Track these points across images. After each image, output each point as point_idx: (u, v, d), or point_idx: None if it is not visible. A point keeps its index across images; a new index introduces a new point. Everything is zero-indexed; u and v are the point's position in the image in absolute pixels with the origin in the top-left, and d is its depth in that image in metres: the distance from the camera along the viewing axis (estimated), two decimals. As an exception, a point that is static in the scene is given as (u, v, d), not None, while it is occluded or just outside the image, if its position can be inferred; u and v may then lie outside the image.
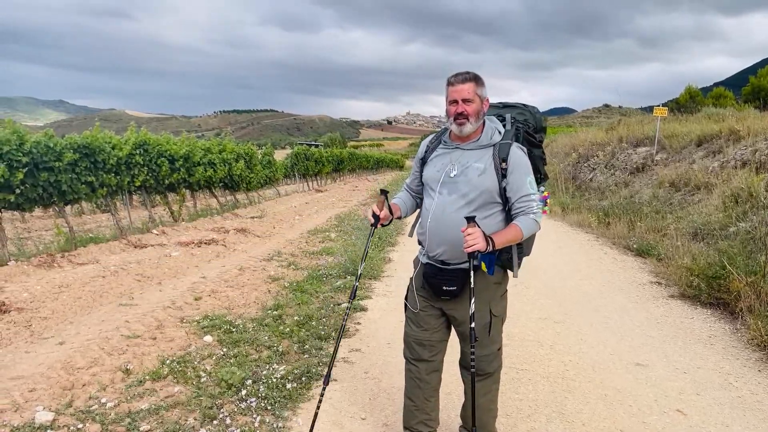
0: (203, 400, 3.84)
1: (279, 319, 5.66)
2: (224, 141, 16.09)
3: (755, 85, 28.97)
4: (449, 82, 2.68)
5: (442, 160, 2.77)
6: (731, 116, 14.39)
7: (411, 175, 3.06)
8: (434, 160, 2.81)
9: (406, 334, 3.06)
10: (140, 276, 7.68)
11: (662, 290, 6.66)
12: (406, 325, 3.07)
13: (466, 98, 2.63)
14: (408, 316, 3.04)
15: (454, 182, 2.72)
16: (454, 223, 2.66)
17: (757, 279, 5.43)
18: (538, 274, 7.58)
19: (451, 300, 2.81)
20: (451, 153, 2.76)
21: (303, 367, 4.37)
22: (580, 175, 17.22)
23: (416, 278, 2.96)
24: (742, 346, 4.84)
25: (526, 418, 3.65)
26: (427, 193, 2.83)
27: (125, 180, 10.68)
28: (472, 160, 2.73)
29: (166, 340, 5.18)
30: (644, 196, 12.32)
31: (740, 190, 8.86)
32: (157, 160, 11.70)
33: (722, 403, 3.81)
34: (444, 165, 2.75)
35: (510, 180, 2.69)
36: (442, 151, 2.80)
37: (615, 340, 5.04)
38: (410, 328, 3.02)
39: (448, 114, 2.72)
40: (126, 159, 10.63)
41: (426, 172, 2.83)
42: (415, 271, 2.99)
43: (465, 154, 2.74)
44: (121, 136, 10.79)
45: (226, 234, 11.52)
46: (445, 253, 2.75)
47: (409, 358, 3.07)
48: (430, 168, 2.81)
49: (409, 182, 3.08)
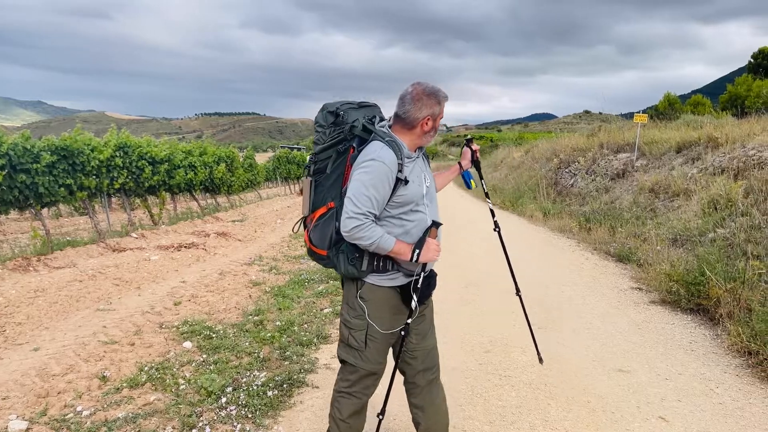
0: (182, 408, 3.77)
1: (260, 325, 5.60)
2: (205, 144, 15.95)
3: (732, 93, 29.48)
4: (446, 100, 2.67)
5: (415, 173, 2.67)
6: (709, 123, 14.57)
7: (371, 200, 2.52)
8: (410, 176, 2.63)
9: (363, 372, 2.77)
10: (119, 280, 7.56)
11: (643, 296, 6.70)
12: (362, 362, 2.74)
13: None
14: (367, 352, 2.73)
15: (429, 190, 2.74)
16: (440, 231, 2.73)
17: (736, 285, 5.48)
18: (520, 279, 7.56)
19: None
20: (416, 165, 2.69)
21: (284, 374, 4.31)
22: (562, 180, 17.33)
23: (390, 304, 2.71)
24: (723, 353, 4.87)
25: (509, 425, 3.63)
26: (410, 211, 2.66)
27: (104, 182, 10.53)
28: (425, 165, 2.79)
29: (145, 346, 5.10)
30: (625, 201, 12.43)
31: (718, 196, 8.96)
32: (137, 163, 11.56)
33: (704, 410, 3.83)
34: (419, 178, 2.68)
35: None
36: (411, 165, 2.66)
37: (597, 346, 5.05)
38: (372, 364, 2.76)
39: (434, 131, 2.69)
40: (106, 161, 10.48)
41: (409, 191, 2.61)
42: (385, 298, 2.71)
43: (421, 162, 2.76)
44: (101, 138, 10.63)
45: (207, 238, 11.41)
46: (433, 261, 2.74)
47: (368, 394, 2.85)
48: (412, 186, 2.63)
49: (376, 208, 2.56)
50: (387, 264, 2.63)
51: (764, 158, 9.46)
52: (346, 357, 2.79)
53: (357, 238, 2.50)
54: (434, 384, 2.90)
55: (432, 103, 2.61)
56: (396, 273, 2.66)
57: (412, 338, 2.80)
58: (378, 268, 2.64)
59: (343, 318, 2.79)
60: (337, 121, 2.67)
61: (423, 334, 2.85)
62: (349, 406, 2.80)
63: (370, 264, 2.63)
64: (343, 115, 2.67)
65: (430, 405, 2.89)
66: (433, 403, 2.89)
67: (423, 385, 2.86)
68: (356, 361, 2.74)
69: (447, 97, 2.66)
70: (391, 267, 2.64)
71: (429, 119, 2.63)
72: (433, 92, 2.62)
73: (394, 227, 2.62)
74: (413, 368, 2.85)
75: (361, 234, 2.48)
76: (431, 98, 2.61)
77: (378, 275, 2.66)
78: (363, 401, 2.83)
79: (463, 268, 8.30)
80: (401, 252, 2.54)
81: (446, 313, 6.01)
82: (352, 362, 2.75)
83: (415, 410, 2.92)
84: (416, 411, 2.91)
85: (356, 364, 2.74)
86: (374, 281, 2.67)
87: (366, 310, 2.68)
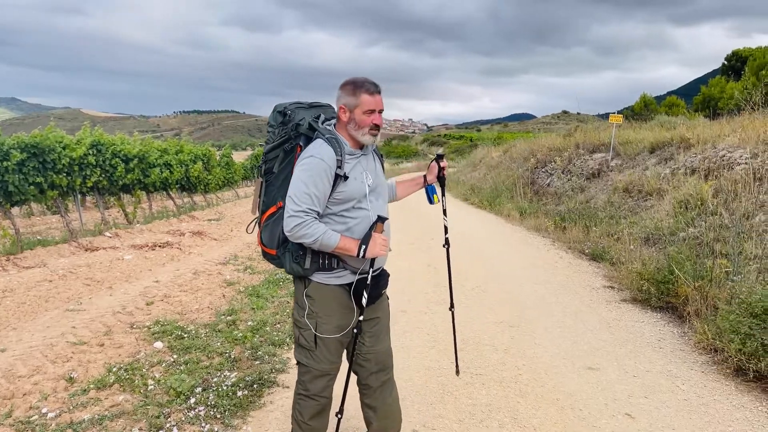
0: (150, 409, 3.73)
1: (233, 325, 5.57)
2: (181, 142, 15.79)
3: (706, 95, 29.97)
4: (367, 91, 2.59)
5: (358, 170, 2.66)
6: (682, 124, 14.80)
7: (311, 197, 2.52)
8: (352, 172, 2.62)
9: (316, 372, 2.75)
10: (90, 280, 7.46)
11: (615, 294, 6.79)
12: (314, 362, 2.74)
13: (382, 109, 2.64)
14: (318, 352, 2.72)
15: (376, 188, 2.73)
16: (389, 225, 2.74)
17: (704, 284, 5.57)
18: (495, 278, 7.65)
19: (375, 302, 2.79)
20: (360, 162, 2.68)
21: (255, 374, 4.29)
22: (538, 180, 17.46)
23: (339, 303, 2.70)
24: (690, 350, 4.95)
25: (478, 424, 3.65)
26: (352, 209, 2.64)
27: (77, 181, 10.37)
28: (374, 164, 2.79)
29: (115, 346, 5.03)
30: (599, 201, 12.56)
31: (689, 196, 9.11)
32: (111, 161, 11.41)
33: (669, 406, 3.89)
34: (361, 174, 2.66)
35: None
36: (353, 162, 2.65)
37: (568, 344, 5.10)
38: (324, 364, 2.75)
39: (360, 123, 2.60)
40: (79, 159, 10.32)
41: (349, 187, 2.60)
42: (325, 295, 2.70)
43: (368, 160, 2.74)
44: (73, 136, 10.46)
45: (182, 237, 11.30)
46: (383, 259, 2.75)
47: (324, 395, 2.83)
48: (352, 182, 2.61)
49: (317, 205, 2.55)
50: (332, 262, 2.63)
51: (733, 159, 9.64)
52: (299, 357, 2.79)
53: (299, 237, 2.50)
54: (387, 385, 2.90)
55: (347, 92, 2.61)
56: (342, 271, 2.67)
57: (365, 340, 2.80)
58: (323, 266, 2.64)
59: (293, 317, 2.79)
60: (285, 121, 2.70)
61: (377, 337, 2.84)
62: (309, 408, 2.79)
63: (314, 262, 2.63)
64: (290, 114, 2.69)
65: (381, 405, 2.89)
66: (384, 403, 2.89)
67: (376, 386, 2.86)
68: (308, 361, 2.74)
69: (372, 89, 2.60)
70: (337, 265, 2.64)
71: (344, 109, 2.62)
72: (350, 82, 2.62)
73: (336, 224, 2.63)
74: (366, 370, 2.84)
75: (303, 232, 2.49)
76: (347, 88, 2.62)
77: (324, 273, 2.66)
78: (322, 403, 2.81)
79: (436, 267, 8.33)
80: (347, 248, 2.54)
81: (419, 313, 6.03)
82: (305, 362, 2.76)
83: (367, 410, 2.92)
84: (368, 411, 2.92)
85: (308, 364, 2.74)
86: (320, 279, 2.67)
87: (313, 308, 2.68)
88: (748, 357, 4.22)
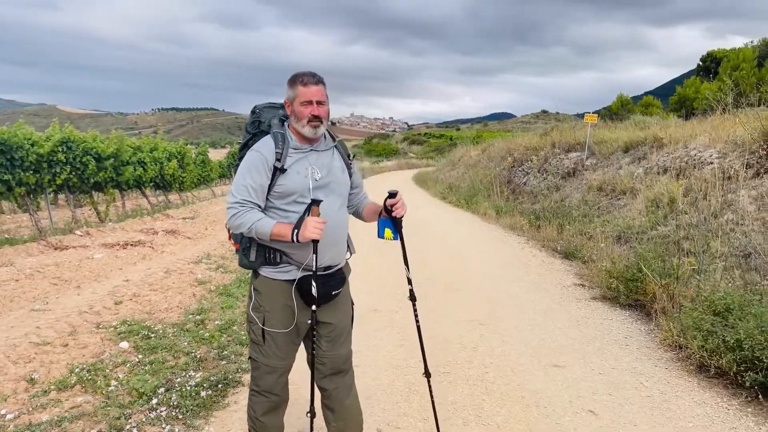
0: (111, 411, 3.68)
1: (201, 324, 5.51)
2: (156, 139, 15.61)
3: (681, 95, 30.40)
4: (301, 83, 2.59)
5: (302, 165, 2.63)
6: (656, 124, 14.98)
7: (248, 188, 2.57)
8: (294, 166, 2.60)
9: (264, 368, 2.74)
10: (57, 279, 7.33)
11: (585, 292, 6.84)
12: (262, 357, 2.73)
13: (320, 100, 2.61)
14: (266, 347, 2.71)
15: (327, 184, 2.69)
16: (339, 224, 2.73)
17: (670, 281, 5.64)
18: (467, 276, 7.67)
19: (327, 305, 2.74)
20: (307, 156, 2.66)
21: (220, 373, 4.25)
22: (515, 179, 17.57)
23: (285, 298, 2.66)
24: (655, 347, 5.01)
25: (443, 422, 3.64)
26: (294, 202, 2.62)
27: (45, 178, 10.19)
28: (330, 160, 2.76)
29: (79, 346, 4.95)
30: (574, 200, 12.68)
31: (661, 195, 9.23)
32: (82, 158, 11.23)
33: (632, 403, 3.93)
34: (306, 169, 2.63)
35: (355, 172, 2.96)
36: (298, 156, 2.63)
37: (536, 342, 5.13)
38: (272, 359, 2.73)
39: (298, 115, 2.60)
40: (48, 157, 10.14)
41: (288, 180, 2.59)
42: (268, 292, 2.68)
43: (322, 156, 2.72)
44: (42, 133, 10.27)
45: (155, 235, 11.16)
46: (332, 257, 2.71)
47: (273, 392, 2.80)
48: (293, 176, 2.59)
49: (255, 197, 2.59)
50: (276, 256, 2.63)
51: (704, 158, 9.78)
52: (250, 352, 2.79)
53: (236, 227, 2.55)
54: (344, 388, 2.88)
55: (287, 86, 2.65)
56: (288, 266, 2.65)
57: (321, 344, 2.78)
58: (269, 260, 2.64)
59: (247, 311, 2.79)
60: (253, 119, 2.77)
61: (334, 342, 2.81)
62: (261, 404, 2.78)
63: (259, 255, 2.64)
64: (259, 113, 2.76)
65: (339, 406, 2.88)
66: (342, 405, 2.88)
67: (331, 389, 2.85)
68: (257, 356, 2.74)
69: (307, 81, 2.60)
70: (281, 259, 2.63)
71: (287, 103, 2.66)
72: (291, 76, 2.65)
73: (278, 218, 2.62)
74: (321, 372, 2.83)
75: (238, 221, 2.53)
76: (288, 82, 2.65)
77: (270, 268, 2.66)
78: (274, 400, 2.79)
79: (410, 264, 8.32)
80: (281, 233, 2.51)
81: (390, 312, 6.03)
82: (254, 357, 2.75)
83: (326, 410, 2.92)
84: (327, 411, 2.92)
85: (257, 358, 2.74)
86: (267, 274, 2.67)
87: (260, 302, 2.68)
88: (710, 354, 4.28)
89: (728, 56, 29.34)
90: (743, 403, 3.90)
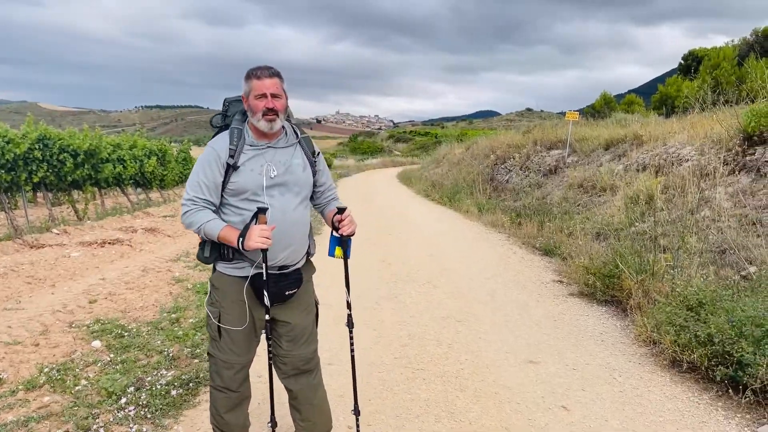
0: (79, 411, 3.62)
1: (176, 323, 5.45)
2: (135, 137, 15.43)
3: (663, 93, 30.64)
4: (255, 76, 2.54)
5: (258, 162, 2.57)
6: (636, 122, 15.10)
7: (201, 185, 2.55)
8: (247, 163, 2.55)
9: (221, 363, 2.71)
10: (31, 278, 7.22)
11: (563, 288, 6.87)
12: (218, 352, 2.70)
13: (275, 93, 2.56)
14: (222, 342, 2.68)
15: (283, 182, 2.62)
16: (297, 223, 2.68)
17: (646, 277, 5.67)
18: (447, 273, 7.66)
19: (284, 304, 2.70)
20: (264, 153, 2.60)
21: (192, 372, 4.20)
22: (498, 176, 17.63)
23: (239, 295, 2.62)
24: (630, 342, 5.03)
25: (414, 419, 3.64)
26: (247, 200, 2.57)
27: (21, 176, 10.03)
28: (289, 157, 2.68)
29: (50, 346, 4.88)
30: (555, 197, 12.74)
31: (640, 192, 9.29)
32: (59, 156, 11.06)
33: (604, 398, 3.94)
34: (261, 167, 2.57)
35: (321, 170, 2.86)
36: (253, 153, 2.58)
37: (512, 338, 5.14)
38: (228, 355, 2.69)
39: (253, 109, 2.55)
40: (23, 155, 9.98)
41: (241, 178, 2.54)
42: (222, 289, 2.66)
43: (279, 152, 2.65)
44: (18, 130, 10.11)
45: (134, 233, 11.03)
46: (287, 257, 2.66)
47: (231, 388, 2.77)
48: (247, 173, 2.54)
49: (208, 194, 2.56)
50: (230, 252, 2.59)
51: (682, 155, 9.87)
52: (208, 347, 2.78)
53: (188, 225, 2.54)
54: (309, 388, 2.84)
55: (244, 82, 2.61)
56: (242, 262, 2.62)
57: (282, 344, 2.75)
58: (223, 256, 2.60)
59: (205, 306, 2.77)
60: (220, 113, 2.75)
61: (295, 342, 2.76)
62: (221, 400, 2.77)
63: (214, 250, 2.61)
64: (228, 107, 2.73)
65: (305, 407, 2.85)
66: (310, 404, 2.85)
67: (296, 389, 2.82)
68: (213, 351, 2.72)
69: (260, 74, 2.55)
70: (233, 255, 2.59)
71: (244, 98, 2.62)
72: (247, 72, 2.61)
73: (232, 215, 2.60)
74: (284, 373, 2.81)
75: (189, 219, 2.52)
76: (244, 78, 2.61)
77: (225, 263, 2.63)
78: (232, 397, 2.76)
79: (389, 262, 8.31)
80: (228, 238, 2.49)
81: (366, 309, 6.01)
82: (212, 353, 2.73)
83: (293, 410, 2.90)
84: (294, 412, 2.90)
85: (214, 354, 2.72)
86: (222, 269, 2.66)
87: (216, 297, 2.67)
88: (682, 349, 4.31)
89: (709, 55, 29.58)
90: (713, 398, 3.93)
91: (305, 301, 2.83)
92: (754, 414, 3.67)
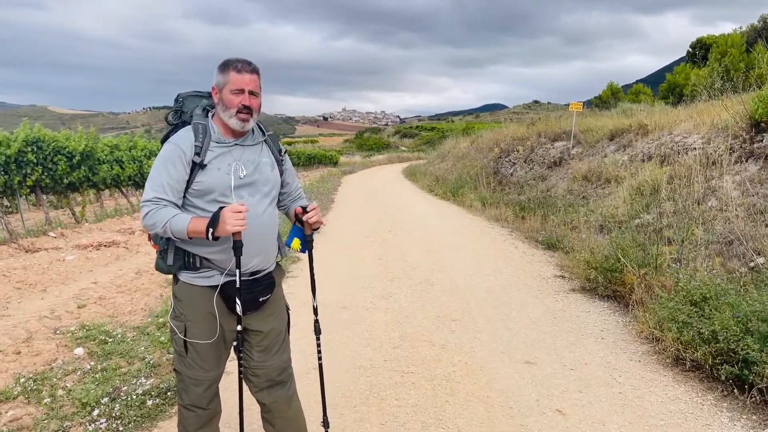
0: (51, 423, 3.46)
1: (162, 327, 5.29)
2: (134, 138, 15.31)
3: (671, 82, 30.27)
4: (234, 68, 2.36)
5: (225, 160, 2.39)
6: (641, 111, 14.79)
7: (163, 185, 2.34)
8: (214, 161, 2.37)
9: (188, 380, 2.52)
10: (22, 283, 7.10)
11: (565, 284, 6.65)
12: (185, 368, 2.50)
13: (253, 91, 2.39)
14: (189, 358, 2.48)
15: (252, 182, 2.45)
16: (267, 226, 2.51)
17: (648, 271, 5.45)
18: (445, 270, 7.46)
19: (255, 312, 2.53)
20: (231, 151, 2.42)
21: (171, 380, 4.02)
22: (502, 169, 17.37)
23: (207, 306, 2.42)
24: (631, 339, 4.82)
25: (400, 427, 3.46)
26: (213, 201, 2.38)
27: (15, 179, 9.91)
28: (257, 156, 2.51)
29: (32, 354, 4.73)
30: (559, 189, 12.48)
31: (645, 182, 9.05)
32: (53, 158, 10.93)
33: (602, 401, 3.74)
34: (229, 166, 2.40)
35: (287, 169, 2.71)
36: (220, 151, 2.40)
37: (509, 338, 4.93)
38: (196, 371, 2.50)
39: (227, 104, 2.37)
40: (16, 157, 9.86)
41: (208, 177, 2.35)
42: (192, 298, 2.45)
43: (247, 151, 2.48)
44: (10, 133, 9.99)
45: (131, 235, 10.92)
46: (260, 262, 2.48)
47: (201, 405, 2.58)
48: (213, 172, 2.36)
49: (170, 194, 2.35)
50: (197, 260, 2.39)
51: (688, 144, 9.60)
52: (174, 363, 2.58)
53: (150, 226, 2.31)
54: (283, 401, 2.66)
55: (218, 71, 2.41)
56: (209, 271, 2.42)
57: (253, 354, 2.56)
58: (188, 265, 2.40)
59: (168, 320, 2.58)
60: (174, 109, 2.53)
61: (267, 351, 2.58)
62: (191, 419, 2.57)
63: (177, 258, 2.40)
64: (182, 102, 2.53)
65: (280, 420, 2.67)
66: (283, 417, 2.67)
67: (269, 402, 2.63)
68: (180, 367, 2.51)
69: (241, 68, 2.38)
70: (201, 264, 2.40)
71: (215, 89, 2.42)
72: (223, 61, 2.42)
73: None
74: (255, 386, 2.62)
75: (151, 220, 2.29)
76: (219, 67, 2.42)
77: (190, 273, 2.42)
78: (201, 415, 2.57)
79: (387, 260, 8.13)
80: (197, 229, 2.27)
81: (360, 309, 5.83)
82: (178, 369, 2.53)
83: (266, 424, 2.72)
84: (267, 425, 2.71)
85: (180, 370, 2.52)
86: (186, 279, 2.44)
87: (181, 310, 2.45)
88: (685, 346, 4.10)
89: (717, 42, 29.15)
90: (718, 398, 3.72)
91: (277, 306, 2.66)
92: (761, 415, 3.46)
